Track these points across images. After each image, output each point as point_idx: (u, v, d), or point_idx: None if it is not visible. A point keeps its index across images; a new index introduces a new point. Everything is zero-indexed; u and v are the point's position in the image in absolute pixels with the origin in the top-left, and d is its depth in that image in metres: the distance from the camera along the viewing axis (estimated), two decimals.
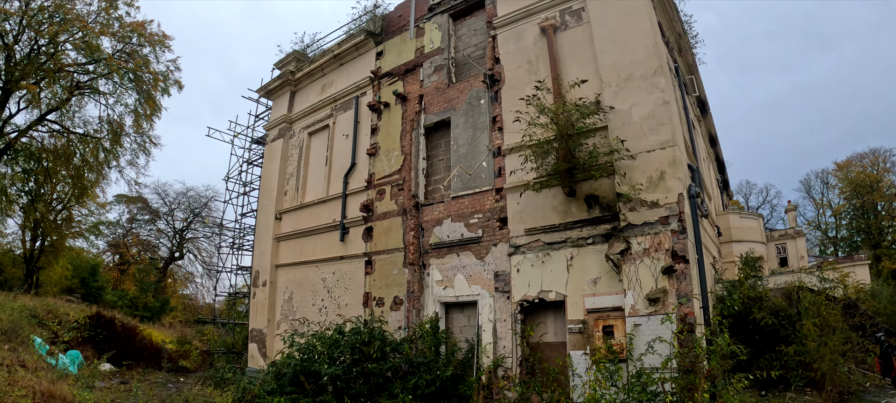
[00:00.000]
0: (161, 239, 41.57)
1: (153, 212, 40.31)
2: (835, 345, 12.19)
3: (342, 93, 18.58)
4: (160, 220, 40.72)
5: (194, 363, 21.80)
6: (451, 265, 14.52)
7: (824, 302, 12.70)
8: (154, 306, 35.79)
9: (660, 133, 11.82)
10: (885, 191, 48.82)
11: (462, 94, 15.45)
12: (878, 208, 49.55)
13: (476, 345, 13.41)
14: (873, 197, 48.75)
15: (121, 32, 26.36)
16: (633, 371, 10.76)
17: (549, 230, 12.95)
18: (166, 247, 41.38)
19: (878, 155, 51.48)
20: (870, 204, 49.36)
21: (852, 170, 51.99)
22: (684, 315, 10.68)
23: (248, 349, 19.05)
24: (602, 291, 11.97)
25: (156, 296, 37.09)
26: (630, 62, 12.48)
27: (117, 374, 18.68)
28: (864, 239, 49.07)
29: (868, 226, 49.15)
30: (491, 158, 14.37)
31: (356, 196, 17.16)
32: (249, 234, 21.15)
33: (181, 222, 39.75)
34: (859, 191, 49.84)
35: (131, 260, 40.60)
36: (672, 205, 11.33)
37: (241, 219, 21.14)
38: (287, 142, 20.11)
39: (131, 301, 34.61)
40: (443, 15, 16.60)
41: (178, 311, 37.44)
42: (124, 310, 29.21)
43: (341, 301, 16.72)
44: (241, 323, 20.70)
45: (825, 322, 12.32)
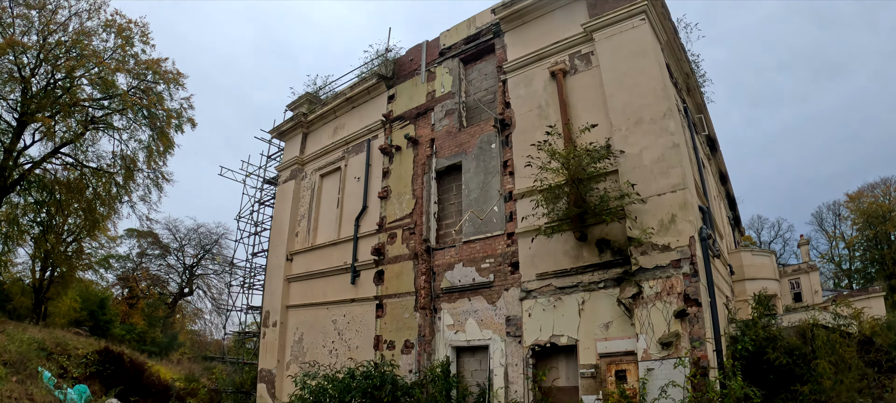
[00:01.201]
0: (170, 275, 42.09)
1: (163, 247, 40.82)
2: (851, 383, 12.15)
3: (354, 136, 19.01)
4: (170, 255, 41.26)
5: (202, 401, 21.92)
6: (462, 309, 14.65)
7: (839, 340, 12.72)
8: (162, 341, 35.98)
9: (670, 176, 12.06)
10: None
11: (473, 138, 15.79)
12: (892, 238, 49.12)
13: (487, 390, 13.45)
14: (886, 227, 48.45)
15: (136, 69, 27.10)
16: None
17: (561, 274, 13.11)
18: (176, 283, 41.81)
19: (890, 184, 51.35)
20: (883, 234, 49.00)
21: (864, 201, 51.77)
22: (697, 359, 10.76)
23: (257, 389, 19.13)
24: (614, 335, 12.08)
25: (164, 332, 37.32)
26: (639, 105, 12.75)
27: None
28: (878, 270, 48.55)
29: (882, 257, 48.68)
30: (502, 203, 14.61)
31: (367, 239, 17.41)
32: (260, 274, 21.48)
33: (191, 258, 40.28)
34: (872, 222, 49.54)
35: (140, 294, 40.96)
36: (683, 248, 11.49)
37: (253, 259, 21.51)
38: (299, 183, 20.49)
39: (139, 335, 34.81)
40: (453, 59, 17.06)
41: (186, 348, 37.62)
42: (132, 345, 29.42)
43: (352, 343, 16.85)
44: (250, 363, 20.84)
45: (841, 359, 12.32)
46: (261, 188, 22.02)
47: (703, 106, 18.42)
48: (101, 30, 26.22)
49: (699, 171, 15.28)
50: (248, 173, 21.80)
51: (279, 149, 21.91)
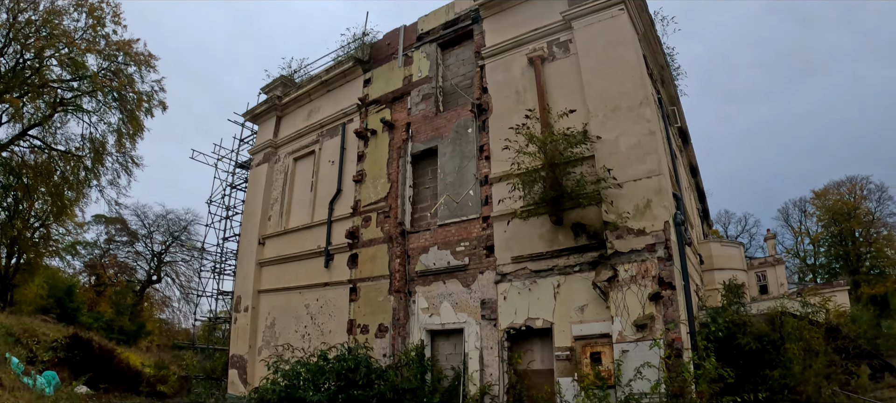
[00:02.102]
0: (139, 262, 40.21)
1: (131, 234, 38.98)
2: (819, 368, 12.10)
3: (329, 120, 18.24)
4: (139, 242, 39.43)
5: (172, 388, 20.86)
6: (437, 292, 14.11)
7: (808, 327, 12.63)
8: (130, 329, 34.45)
9: (646, 162, 11.73)
10: (862, 218, 49.01)
11: (449, 123, 15.24)
12: (856, 235, 49.65)
13: (462, 373, 12.94)
14: (851, 224, 48.96)
15: (107, 50, 25.68)
16: (622, 396, 10.54)
17: (536, 258, 12.69)
18: (144, 270, 40.09)
19: (856, 182, 51.77)
20: (848, 231, 49.50)
21: (830, 198, 52.14)
22: (672, 340, 10.49)
23: (228, 375, 18.21)
24: (589, 318, 11.71)
25: (132, 319, 35.74)
26: (617, 93, 12.42)
27: (94, 397, 17.80)
28: (842, 265, 49.12)
29: (846, 253, 49.21)
30: (478, 187, 14.10)
31: (341, 222, 16.69)
32: (231, 259, 20.51)
33: (160, 245, 38.62)
34: (837, 219, 49.98)
35: (108, 281, 39.17)
36: (658, 233, 11.19)
37: (224, 244, 20.53)
38: (272, 166, 19.60)
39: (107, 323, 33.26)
40: (431, 44, 16.46)
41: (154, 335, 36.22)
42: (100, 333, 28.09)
43: (325, 327, 16.11)
44: (221, 349, 19.89)
45: (809, 345, 12.22)
46: (233, 172, 21.05)
47: (677, 98, 18.20)
48: (73, 8, 24.77)
49: (672, 161, 15.05)
50: (221, 157, 20.80)
51: (252, 132, 20.96)
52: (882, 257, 45.97)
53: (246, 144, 21.27)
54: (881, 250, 46.26)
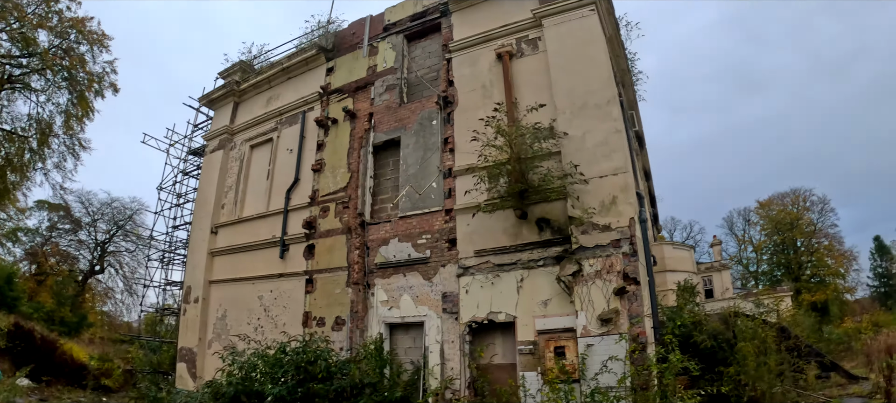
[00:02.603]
0: (81, 251, 37.36)
1: (75, 222, 35.93)
2: (772, 366, 12.07)
3: (289, 107, 17.07)
4: (82, 231, 36.49)
5: (116, 382, 19.26)
6: (397, 285, 13.28)
7: (762, 326, 12.62)
8: (72, 321, 31.92)
9: (612, 159, 11.37)
10: (804, 228, 50.09)
11: (414, 115, 14.45)
12: (798, 244, 50.65)
13: (423, 367, 12.17)
14: (793, 233, 50.00)
15: (59, 27, 23.32)
16: (587, 390, 10.11)
17: (500, 252, 12.09)
18: (86, 260, 37.30)
19: (799, 194, 52.88)
20: (790, 240, 50.46)
21: (773, 209, 53.03)
22: (636, 334, 10.14)
23: (177, 369, 16.73)
24: (553, 313, 11.22)
25: (73, 311, 33.19)
26: (585, 91, 12.03)
27: (36, 390, 16.24)
28: (784, 273, 49.87)
29: (788, 261, 50.12)
30: (441, 179, 13.38)
31: (298, 212, 15.59)
32: (181, 248, 19.08)
33: (104, 234, 35.97)
34: (780, 228, 50.89)
35: (49, 270, 36.39)
36: (624, 229, 10.83)
37: (173, 232, 19.04)
38: (227, 153, 18.22)
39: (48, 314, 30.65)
40: (398, 35, 15.61)
41: (97, 327, 33.76)
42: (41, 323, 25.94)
43: (279, 320, 14.96)
44: (168, 341, 18.44)
45: (763, 344, 12.19)
46: (184, 158, 19.58)
47: (635, 103, 18.12)
48: None
49: (632, 162, 14.87)
50: (173, 142, 19.33)
51: (208, 118, 19.53)
52: (822, 266, 47.47)
53: (200, 130, 19.84)
54: (822, 259, 47.86)
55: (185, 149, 19.63)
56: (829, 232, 49.57)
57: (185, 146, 19.70)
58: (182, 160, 19.54)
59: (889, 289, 48.24)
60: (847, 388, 14.33)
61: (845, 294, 46.00)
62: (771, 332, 12.70)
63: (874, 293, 49.44)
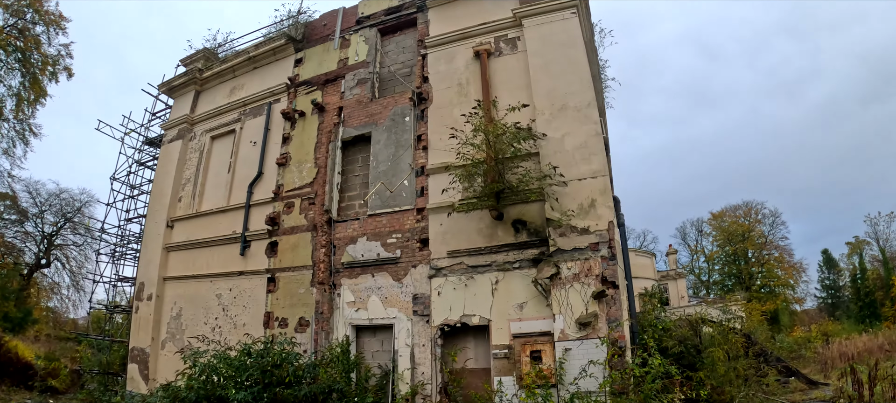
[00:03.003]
0: (27, 243, 34.80)
1: (22, 212, 33.49)
2: (741, 370, 12.04)
3: (253, 98, 15.96)
4: (28, 222, 34.09)
5: (64, 383, 17.75)
6: (365, 286, 12.47)
7: (730, 332, 12.62)
8: (16, 317, 29.53)
9: (591, 162, 11.00)
10: (755, 240, 51.03)
11: (385, 110, 13.70)
12: (749, 255, 51.57)
13: (392, 371, 11.41)
14: (745, 245, 50.90)
15: (15, 5, 21.36)
16: (567, 395, 9.70)
17: (474, 253, 11.50)
18: (32, 253, 34.77)
19: (751, 206, 53.98)
20: (741, 251, 51.34)
21: (726, 220, 53.92)
22: (615, 339, 9.77)
23: (128, 370, 15.31)
24: (529, 316, 10.71)
25: (18, 306, 30.91)
26: (564, 93, 11.59)
27: None
28: (735, 283, 50.63)
29: (739, 271, 50.95)
30: (413, 177, 12.65)
31: (261, 207, 14.54)
32: (134, 242, 17.74)
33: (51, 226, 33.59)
34: (732, 239, 51.76)
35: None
36: (602, 232, 10.47)
37: (126, 225, 17.64)
38: (186, 144, 16.91)
39: None
40: (371, 29, 14.78)
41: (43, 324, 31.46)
42: None
43: (238, 320, 13.89)
44: (119, 341, 17.10)
45: (732, 349, 12.18)
46: (139, 148, 18.23)
47: (603, 109, 18.04)
48: None
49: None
50: (129, 130, 17.97)
51: (167, 106, 18.26)
52: (773, 277, 48.64)
53: (158, 119, 18.39)
54: (772, 270, 49.11)
55: (141, 139, 18.33)
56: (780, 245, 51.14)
57: (141, 135, 18.38)
58: (137, 150, 18.24)
59: (835, 301, 50.01)
60: (808, 393, 14.51)
61: (794, 304, 47.54)
62: (740, 338, 12.75)
63: (821, 303, 51.19)
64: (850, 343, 19.28)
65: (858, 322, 36.57)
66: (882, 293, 40.59)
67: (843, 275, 49.69)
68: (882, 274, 42.20)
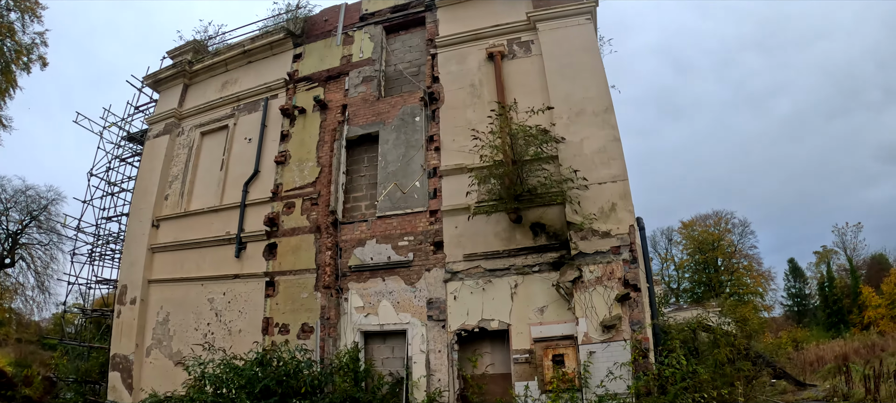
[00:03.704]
0: None
1: None
2: (744, 371, 12.29)
3: (248, 93, 15.24)
4: None
5: (37, 391, 16.46)
6: (375, 290, 12.00)
7: (734, 335, 12.84)
8: None
9: (611, 167, 10.96)
10: (725, 249, 51.81)
11: (394, 109, 13.27)
12: (719, 263, 52.20)
13: (406, 379, 10.95)
14: (715, 253, 51.51)
15: None
16: (593, 398, 9.61)
17: (492, 256, 11.24)
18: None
19: (721, 216, 54.67)
20: (711, 259, 51.87)
21: (696, 229, 54.52)
22: (639, 340, 9.81)
23: (109, 378, 14.23)
24: (550, 320, 10.55)
25: None
26: (582, 97, 11.53)
27: None
28: (705, 291, 51.01)
29: (709, 279, 51.27)
30: (426, 178, 12.37)
31: (258, 207, 13.83)
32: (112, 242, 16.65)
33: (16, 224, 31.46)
34: (702, 248, 52.28)
35: None
36: (624, 236, 10.42)
37: (106, 224, 16.47)
38: (174, 139, 15.95)
39: None
40: (376, 26, 14.34)
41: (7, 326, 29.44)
42: None
43: (233, 326, 13.12)
44: (98, 347, 15.93)
45: (734, 351, 12.39)
46: (119, 144, 17.16)
47: None
48: None
49: None
50: (109, 123, 16.88)
51: (152, 100, 17.33)
52: (741, 284, 49.64)
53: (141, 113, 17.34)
54: (741, 278, 50.33)
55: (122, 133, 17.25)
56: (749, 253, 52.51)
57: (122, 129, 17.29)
58: (116, 146, 17.17)
59: (802, 309, 51.56)
60: (797, 393, 14.98)
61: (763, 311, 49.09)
62: (742, 340, 13.00)
63: (788, 311, 52.67)
64: (827, 348, 20.07)
65: (826, 329, 38.20)
66: (849, 300, 42.51)
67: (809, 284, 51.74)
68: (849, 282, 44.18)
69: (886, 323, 32.46)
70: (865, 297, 39.38)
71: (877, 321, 35.05)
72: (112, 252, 16.70)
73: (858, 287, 41.58)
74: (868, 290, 39.81)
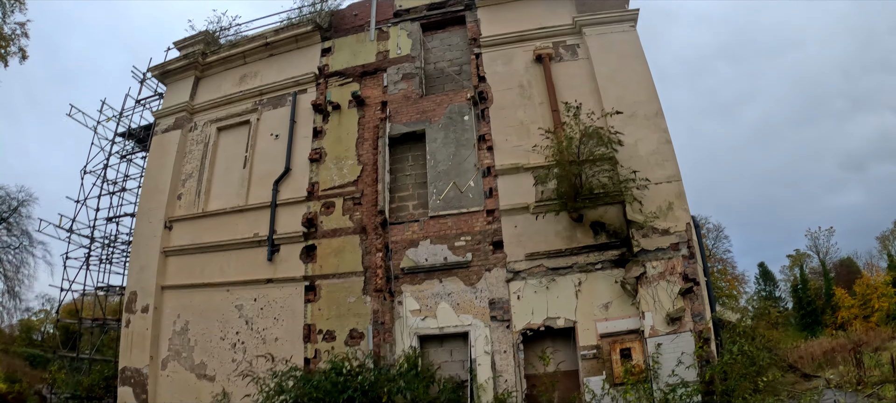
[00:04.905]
0: None
1: None
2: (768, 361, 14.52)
3: (272, 87, 15.88)
4: None
5: None
6: (431, 292, 13.01)
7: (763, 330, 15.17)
8: None
9: (665, 168, 12.77)
10: None
11: (439, 107, 14.44)
12: None
13: (470, 381, 12.01)
14: None
15: None
16: (664, 387, 11.19)
17: (554, 255, 12.66)
18: None
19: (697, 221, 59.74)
20: None
21: None
22: (700, 331, 11.64)
23: (119, 394, 14.25)
24: (614, 315, 12.07)
25: None
26: (633, 101, 13.15)
27: None
28: None
29: None
30: (480, 177, 13.82)
31: (291, 207, 14.54)
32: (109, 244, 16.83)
33: None
34: None
35: None
36: (681, 233, 12.18)
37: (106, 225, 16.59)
38: (185, 134, 16.25)
39: None
40: (413, 23, 15.46)
41: None
42: None
43: (268, 334, 13.71)
44: (101, 359, 16.03)
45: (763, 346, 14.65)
46: (113, 140, 17.36)
47: None
48: None
49: None
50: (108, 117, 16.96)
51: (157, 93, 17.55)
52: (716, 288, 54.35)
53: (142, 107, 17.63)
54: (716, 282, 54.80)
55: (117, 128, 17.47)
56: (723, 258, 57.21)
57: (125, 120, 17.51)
58: (111, 142, 17.39)
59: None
60: (804, 384, 17.71)
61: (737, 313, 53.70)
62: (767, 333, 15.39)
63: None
64: (816, 344, 23.45)
65: (801, 329, 42.55)
66: (823, 301, 47.26)
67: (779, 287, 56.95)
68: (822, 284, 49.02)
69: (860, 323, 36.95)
70: (838, 298, 44.21)
71: (850, 321, 39.66)
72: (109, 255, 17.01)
73: (831, 289, 46.35)
74: (841, 292, 44.63)
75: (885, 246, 52.44)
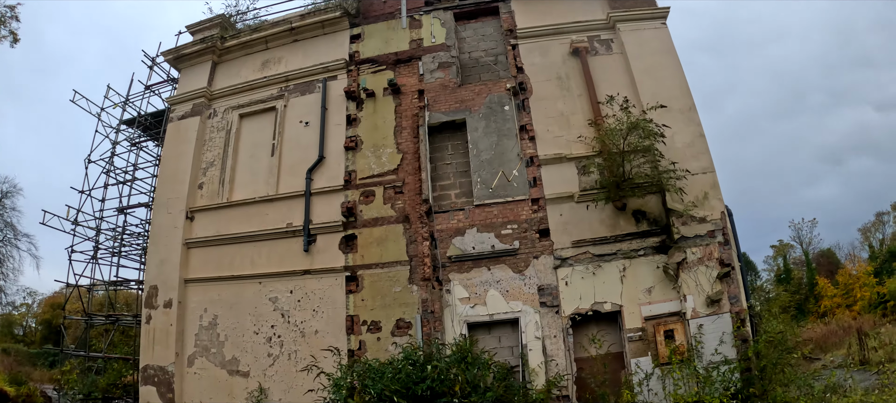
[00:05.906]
0: None
1: None
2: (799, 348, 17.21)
3: (299, 74, 17.07)
4: None
5: None
6: (480, 280, 14.69)
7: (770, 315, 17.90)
8: None
9: (700, 160, 14.84)
10: None
11: (479, 97, 16.13)
12: None
13: (522, 366, 13.73)
14: None
15: None
16: (710, 365, 13.06)
17: (599, 242, 14.62)
18: None
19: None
20: None
21: None
22: (737, 312, 13.73)
23: (141, 394, 14.98)
24: (657, 299, 14.12)
25: None
26: (667, 96, 15.07)
27: None
28: None
29: None
30: (524, 167, 15.69)
31: (327, 196, 15.85)
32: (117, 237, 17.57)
33: None
34: None
35: None
36: (717, 221, 14.22)
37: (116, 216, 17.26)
38: (204, 122, 17.16)
39: None
40: (446, 12, 17.01)
41: None
42: None
43: (307, 327, 14.97)
44: (115, 357, 16.73)
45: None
46: (118, 128, 17.96)
47: None
48: None
49: None
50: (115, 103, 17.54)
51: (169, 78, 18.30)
52: None
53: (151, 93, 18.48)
54: None
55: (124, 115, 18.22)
56: None
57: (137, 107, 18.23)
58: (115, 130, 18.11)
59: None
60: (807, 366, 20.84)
61: None
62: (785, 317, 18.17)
63: None
64: (808, 330, 27.09)
65: None
66: (806, 291, 52.47)
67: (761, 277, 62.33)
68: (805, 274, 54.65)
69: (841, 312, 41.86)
70: (821, 288, 49.57)
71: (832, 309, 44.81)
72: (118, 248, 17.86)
73: (814, 278, 51.77)
74: (824, 282, 50.02)
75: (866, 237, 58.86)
